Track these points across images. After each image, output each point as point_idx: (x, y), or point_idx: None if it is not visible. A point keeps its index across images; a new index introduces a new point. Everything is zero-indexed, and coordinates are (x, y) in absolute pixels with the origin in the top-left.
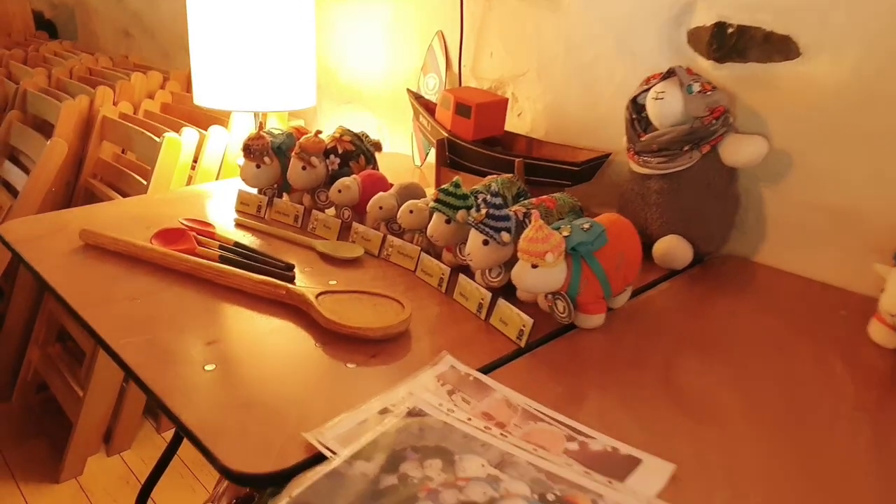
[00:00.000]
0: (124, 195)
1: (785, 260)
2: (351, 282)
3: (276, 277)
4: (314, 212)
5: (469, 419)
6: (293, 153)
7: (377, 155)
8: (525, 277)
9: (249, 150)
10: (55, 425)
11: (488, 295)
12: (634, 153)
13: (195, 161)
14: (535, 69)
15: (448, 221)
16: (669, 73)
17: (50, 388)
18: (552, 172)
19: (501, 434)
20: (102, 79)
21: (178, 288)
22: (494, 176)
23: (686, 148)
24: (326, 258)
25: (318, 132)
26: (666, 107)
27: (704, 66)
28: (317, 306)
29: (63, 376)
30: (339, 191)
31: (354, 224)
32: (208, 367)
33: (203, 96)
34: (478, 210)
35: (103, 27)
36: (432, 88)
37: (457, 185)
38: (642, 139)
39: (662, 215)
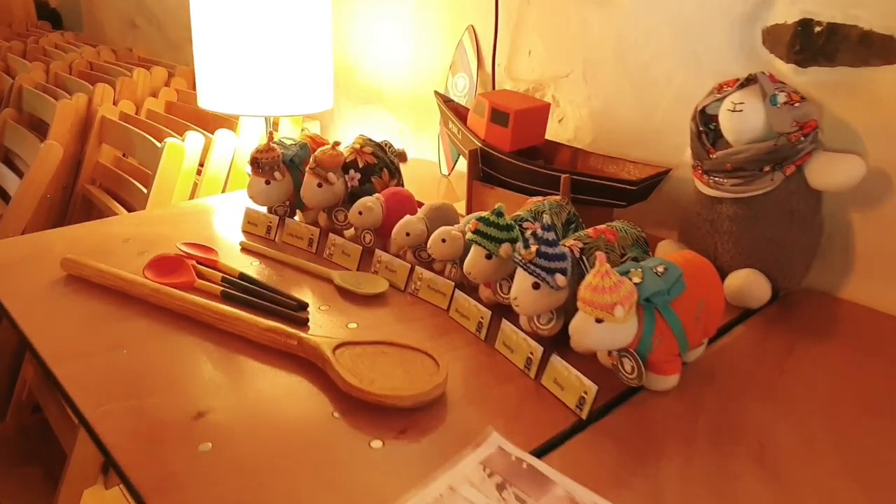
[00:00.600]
0: (124, 203)
1: (877, 297)
2: (374, 322)
3: (287, 319)
4: (331, 235)
5: None
6: (308, 168)
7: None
8: (588, 334)
9: (258, 163)
10: (51, 450)
11: (538, 349)
12: (703, 172)
13: (202, 165)
14: (580, 70)
15: (489, 256)
16: (749, 81)
17: (44, 411)
18: (604, 191)
19: None
20: (103, 74)
21: (172, 334)
22: (539, 199)
23: (766, 168)
24: (346, 293)
25: (337, 144)
26: (745, 120)
27: (783, 70)
28: (334, 363)
29: (58, 399)
30: (360, 212)
31: (377, 252)
32: (203, 448)
33: (208, 99)
34: (525, 245)
35: (109, 17)
36: (462, 90)
37: (499, 214)
38: (713, 156)
39: (736, 245)
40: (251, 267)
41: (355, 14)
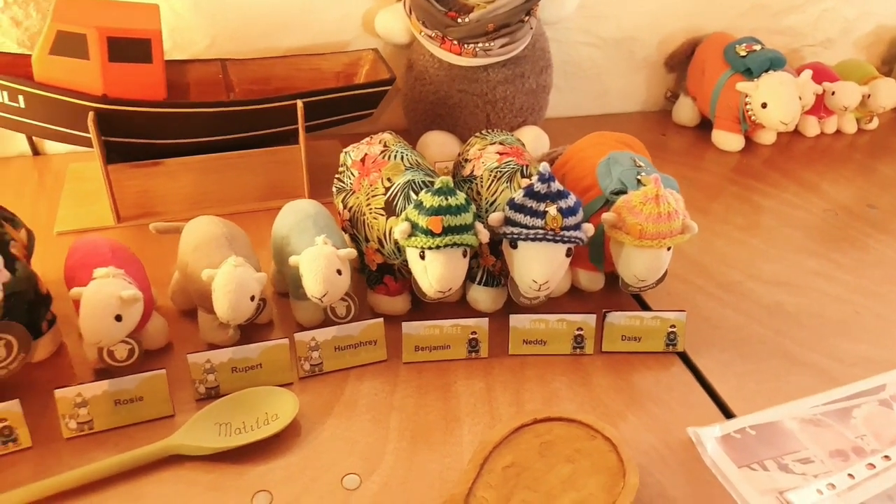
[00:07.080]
0: None
1: None
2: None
3: None
4: None
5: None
6: None
7: None
8: (665, 265)
9: None
10: None
11: (586, 320)
12: (456, 42)
13: None
14: None
15: (465, 253)
16: None
17: None
18: (353, 104)
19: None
20: None
21: None
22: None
23: (525, 17)
24: (235, 456)
25: None
26: None
27: None
28: None
29: None
30: (120, 317)
31: (191, 357)
32: None
33: None
34: (531, 212)
35: None
36: None
37: (450, 191)
38: (463, 21)
39: (510, 108)
40: None
41: None
